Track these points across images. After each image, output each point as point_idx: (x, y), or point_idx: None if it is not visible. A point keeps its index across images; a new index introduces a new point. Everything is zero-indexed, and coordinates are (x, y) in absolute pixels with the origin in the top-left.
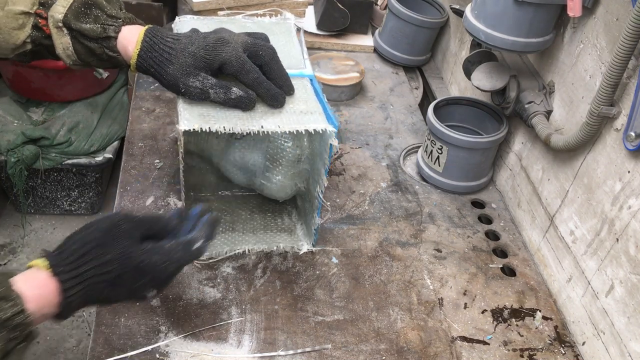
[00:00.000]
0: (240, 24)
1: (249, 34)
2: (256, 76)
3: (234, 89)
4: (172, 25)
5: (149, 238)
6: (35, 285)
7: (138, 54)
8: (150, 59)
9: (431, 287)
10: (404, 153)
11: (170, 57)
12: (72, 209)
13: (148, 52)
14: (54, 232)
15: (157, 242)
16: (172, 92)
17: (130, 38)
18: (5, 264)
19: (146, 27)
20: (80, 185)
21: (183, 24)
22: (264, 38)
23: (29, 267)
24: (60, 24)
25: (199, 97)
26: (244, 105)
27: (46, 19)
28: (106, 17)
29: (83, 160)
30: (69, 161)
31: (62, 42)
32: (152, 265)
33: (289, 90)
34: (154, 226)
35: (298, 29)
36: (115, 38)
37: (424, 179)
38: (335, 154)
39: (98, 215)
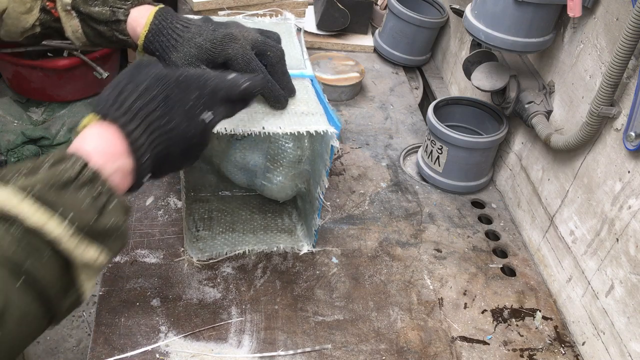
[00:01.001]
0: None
1: (261, 32)
2: (261, 76)
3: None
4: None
5: None
6: (93, 138)
7: (145, 36)
8: (156, 42)
9: (431, 287)
10: (404, 153)
11: (176, 44)
12: None
13: (155, 36)
14: None
15: None
16: None
17: (139, 20)
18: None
19: (157, 7)
20: None
21: None
22: (275, 38)
23: (76, 135)
24: (69, 7)
25: None
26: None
27: (54, 1)
28: (115, 0)
29: None
30: None
31: (72, 25)
32: (191, 77)
33: (290, 93)
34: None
35: (298, 29)
36: (125, 21)
37: (424, 179)
38: (335, 154)
39: None
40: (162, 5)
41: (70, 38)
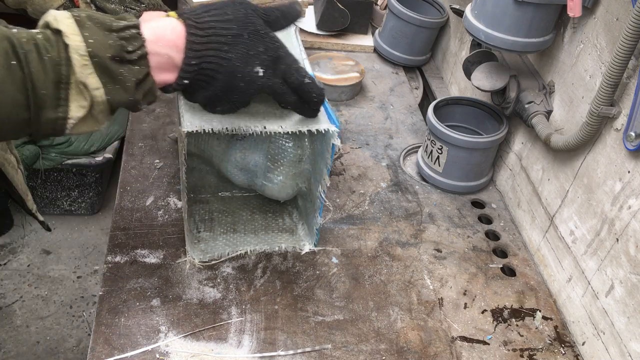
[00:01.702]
0: None
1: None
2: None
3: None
4: None
5: None
6: (161, 22)
7: None
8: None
9: (431, 287)
10: (404, 153)
11: None
12: (72, 209)
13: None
14: (54, 232)
15: None
16: None
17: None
18: (5, 264)
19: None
20: (80, 185)
21: None
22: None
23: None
24: (89, 0)
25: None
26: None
27: None
28: (131, 0)
29: (83, 160)
30: (69, 161)
31: None
32: (268, 37)
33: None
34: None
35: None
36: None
37: (424, 179)
38: (336, 154)
39: (98, 215)
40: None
41: None
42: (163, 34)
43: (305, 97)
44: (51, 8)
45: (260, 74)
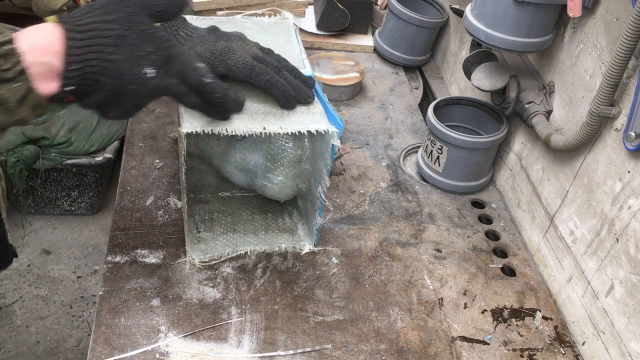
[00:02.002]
0: (239, 23)
1: (261, 48)
2: (268, 77)
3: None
4: None
5: None
6: (36, 30)
7: None
8: None
9: (431, 287)
10: (404, 153)
11: None
12: (72, 209)
13: None
14: (54, 232)
15: None
16: None
17: None
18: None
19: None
20: (80, 185)
21: None
22: (275, 56)
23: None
24: (90, 1)
25: None
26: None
27: None
28: None
29: (83, 160)
30: (69, 161)
31: None
32: (157, 36)
33: (299, 94)
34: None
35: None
36: None
37: (424, 179)
38: (335, 154)
39: (98, 215)
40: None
41: None
42: (39, 42)
43: (207, 98)
44: (54, 8)
45: (151, 75)
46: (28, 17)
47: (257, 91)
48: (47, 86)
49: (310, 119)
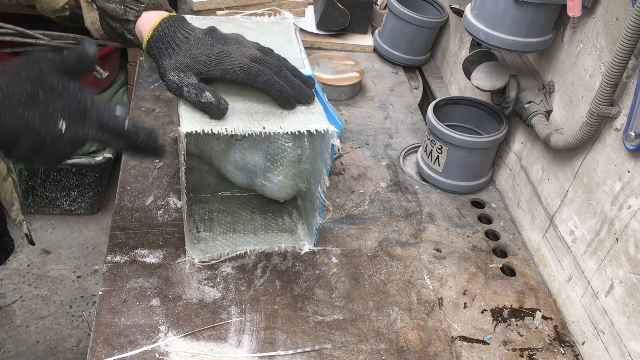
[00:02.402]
0: (239, 23)
1: (260, 49)
2: (267, 78)
3: (207, 93)
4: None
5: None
6: None
7: (148, 41)
8: (156, 48)
9: (431, 287)
10: (404, 153)
11: (172, 52)
12: (72, 209)
13: (156, 42)
14: (54, 232)
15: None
16: (161, 80)
17: (146, 25)
18: (5, 264)
19: (166, 15)
20: (80, 185)
21: None
22: (275, 56)
23: None
24: (90, 0)
25: (174, 92)
26: (211, 112)
27: None
28: (131, 0)
29: (83, 160)
30: (69, 161)
31: (91, 17)
32: (68, 91)
33: (300, 93)
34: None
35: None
36: (134, 22)
37: (424, 179)
38: (335, 154)
39: (98, 215)
40: (173, 14)
41: (89, 29)
42: None
43: (132, 142)
44: (56, 7)
45: (64, 128)
46: (23, 18)
47: (257, 91)
48: None
49: (310, 118)
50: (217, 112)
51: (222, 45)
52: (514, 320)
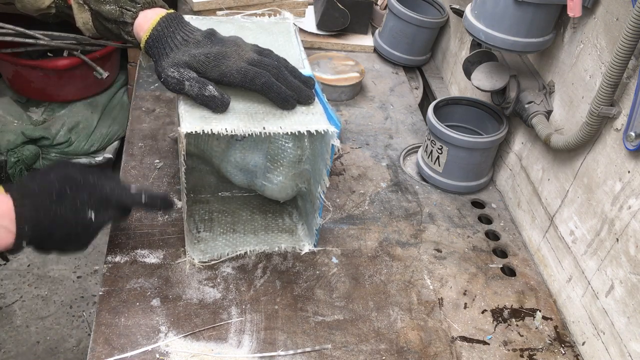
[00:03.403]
0: (238, 23)
1: (259, 51)
2: (264, 80)
3: (210, 87)
4: None
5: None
6: None
7: (146, 41)
8: (154, 48)
9: (431, 287)
10: (404, 153)
11: (170, 52)
12: None
13: (154, 41)
14: None
15: None
16: (158, 79)
17: (143, 25)
18: (5, 264)
19: (164, 13)
20: None
21: None
22: (274, 57)
23: None
24: (81, 1)
25: (174, 88)
26: (214, 105)
27: None
28: (126, 0)
29: (83, 160)
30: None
31: (82, 17)
32: (89, 184)
33: (299, 94)
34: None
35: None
36: (132, 24)
37: (424, 179)
38: (335, 154)
39: None
40: (171, 11)
41: (80, 29)
42: None
43: (151, 209)
44: (41, 6)
45: (92, 217)
46: (22, 17)
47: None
48: (5, 242)
49: (310, 119)
50: (220, 105)
51: (220, 47)
52: (514, 320)
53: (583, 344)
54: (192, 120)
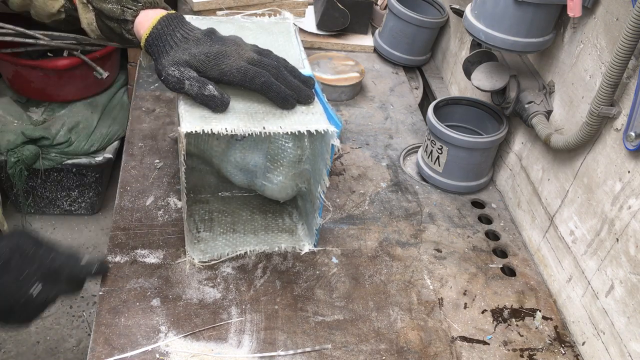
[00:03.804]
0: (238, 23)
1: (258, 51)
2: (264, 80)
3: (210, 86)
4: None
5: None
6: None
7: (146, 39)
8: (154, 46)
9: (431, 287)
10: (404, 153)
11: (170, 50)
12: (72, 209)
13: (154, 40)
14: (54, 232)
15: None
16: (158, 77)
17: (144, 24)
18: None
19: (164, 13)
20: (80, 185)
21: None
22: (273, 57)
23: None
24: (85, 1)
25: (174, 86)
26: (213, 105)
27: None
28: None
29: (83, 160)
30: (69, 161)
31: (87, 18)
32: (38, 254)
33: (299, 93)
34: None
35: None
36: (132, 22)
37: (424, 179)
38: (335, 154)
39: (98, 215)
40: (171, 11)
41: (85, 30)
42: None
43: (100, 274)
44: (52, 11)
45: (37, 291)
46: (21, 18)
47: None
48: None
49: (310, 118)
50: (220, 104)
51: (220, 46)
52: (514, 320)
53: (583, 344)
54: (192, 120)
